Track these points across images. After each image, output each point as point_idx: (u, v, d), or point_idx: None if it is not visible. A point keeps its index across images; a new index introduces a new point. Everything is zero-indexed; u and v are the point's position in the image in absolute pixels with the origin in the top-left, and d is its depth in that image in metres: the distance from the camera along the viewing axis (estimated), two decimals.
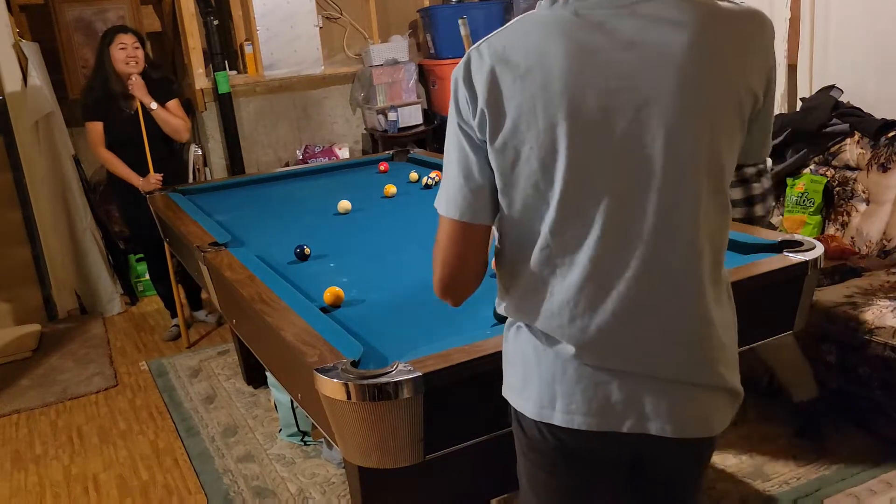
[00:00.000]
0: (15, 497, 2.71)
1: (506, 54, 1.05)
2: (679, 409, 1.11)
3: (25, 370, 3.76)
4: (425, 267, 2.18)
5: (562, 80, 1.01)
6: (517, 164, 1.07)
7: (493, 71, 1.05)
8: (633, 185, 1.04)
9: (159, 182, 3.60)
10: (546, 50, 1.03)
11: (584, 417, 1.12)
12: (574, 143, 1.02)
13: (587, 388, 1.11)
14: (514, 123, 1.05)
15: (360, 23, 5.42)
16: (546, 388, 1.14)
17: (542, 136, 1.03)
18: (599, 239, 1.05)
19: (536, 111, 1.03)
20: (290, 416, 2.79)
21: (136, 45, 3.60)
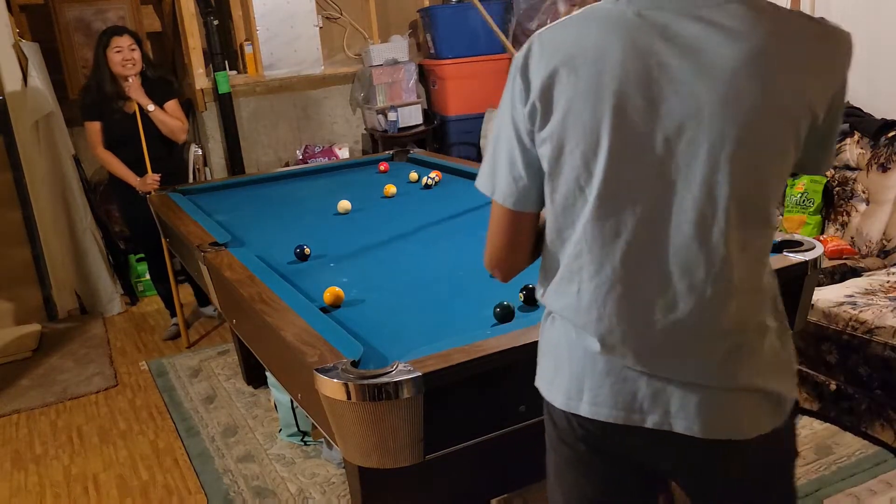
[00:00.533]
0: (15, 497, 2.71)
1: (564, 48, 1.06)
2: (707, 409, 1.09)
3: (25, 370, 3.76)
4: (425, 267, 2.19)
5: (613, 81, 1.02)
6: (562, 156, 1.08)
7: (549, 64, 1.06)
8: (669, 194, 1.03)
9: (157, 182, 3.60)
10: (603, 48, 1.03)
11: (610, 410, 1.13)
12: (616, 145, 1.03)
13: (615, 382, 1.12)
14: (562, 117, 1.06)
15: (360, 23, 5.42)
16: (575, 380, 1.15)
17: (588, 133, 1.04)
18: (631, 242, 1.06)
19: (585, 108, 1.04)
20: (290, 416, 2.79)
21: (132, 46, 3.59)
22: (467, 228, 2.53)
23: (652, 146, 1.02)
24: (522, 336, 1.50)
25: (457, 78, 5.15)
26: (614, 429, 1.14)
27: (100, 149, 3.68)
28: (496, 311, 1.65)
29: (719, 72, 0.99)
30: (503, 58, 5.37)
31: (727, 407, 1.10)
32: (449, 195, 3.06)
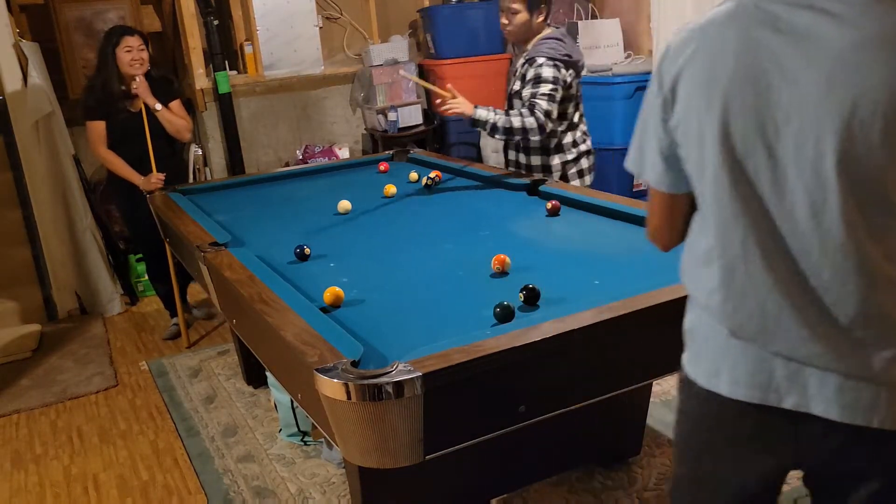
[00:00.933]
0: (15, 497, 2.71)
1: (691, 42, 1.14)
2: (845, 394, 1.10)
3: (25, 370, 3.76)
4: (425, 267, 2.19)
5: (725, 73, 1.08)
6: (686, 144, 1.16)
7: (677, 58, 1.15)
8: (782, 180, 1.07)
9: (161, 181, 3.60)
10: (722, 40, 1.09)
11: (747, 389, 1.16)
12: (726, 135, 1.08)
13: (751, 362, 1.16)
14: (684, 108, 1.14)
15: (360, 23, 5.42)
16: (714, 360, 1.20)
17: (701, 124, 1.11)
18: (750, 227, 1.10)
19: (701, 98, 1.11)
20: (291, 416, 2.79)
21: (141, 47, 3.60)
22: (467, 228, 2.53)
23: (763, 134, 1.06)
24: (522, 336, 1.50)
25: (457, 78, 5.11)
26: (752, 409, 1.17)
27: (102, 148, 3.68)
28: (496, 311, 1.65)
29: (828, 59, 1.01)
30: (503, 58, 5.37)
31: (865, 394, 1.10)
32: (449, 195, 3.06)
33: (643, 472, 2.49)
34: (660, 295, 1.66)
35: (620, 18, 4.99)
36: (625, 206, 2.46)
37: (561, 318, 1.56)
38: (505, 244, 2.29)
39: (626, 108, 4.64)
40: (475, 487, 2.19)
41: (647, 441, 2.62)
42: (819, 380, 1.11)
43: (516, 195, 2.90)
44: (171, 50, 5.28)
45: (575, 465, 2.49)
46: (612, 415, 2.45)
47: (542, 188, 2.84)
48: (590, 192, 2.72)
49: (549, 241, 2.36)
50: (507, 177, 3.08)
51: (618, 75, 4.62)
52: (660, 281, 1.74)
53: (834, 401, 1.11)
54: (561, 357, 1.55)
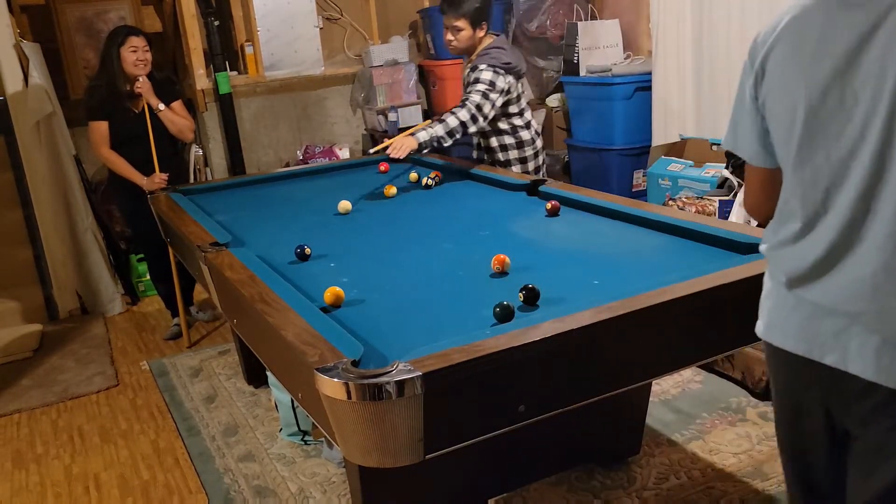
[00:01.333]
0: (16, 497, 2.72)
1: (783, 21, 1.25)
2: (884, 356, 1.16)
3: (26, 370, 3.77)
4: (425, 267, 2.19)
5: (810, 48, 1.19)
6: (773, 117, 1.28)
7: (770, 37, 1.27)
8: (858, 144, 1.15)
9: (164, 181, 3.61)
10: (805, 19, 1.21)
11: (795, 342, 1.30)
12: (808, 106, 1.20)
13: (803, 317, 1.27)
14: (771, 83, 1.27)
15: (360, 23, 5.43)
16: (772, 314, 1.35)
17: (787, 96, 1.24)
18: (827, 189, 1.20)
19: (788, 73, 1.23)
20: (291, 416, 2.79)
21: (146, 47, 3.61)
22: (467, 228, 2.54)
23: (841, 102, 1.16)
24: (522, 336, 1.50)
25: (457, 78, 5.15)
26: (798, 360, 1.29)
27: (105, 149, 3.69)
28: (496, 311, 1.65)
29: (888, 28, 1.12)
30: None
31: None
32: (449, 195, 3.07)
33: (642, 471, 2.50)
34: (659, 295, 1.67)
35: (620, 19, 4.99)
36: (624, 207, 2.47)
37: (560, 318, 1.57)
38: (505, 244, 2.29)
39: (626, 108, 4.65)
40: (475, 487, 2.20)
41: (646, 441, 2.62)
42: (861, 340, 1.18)
43: (516, 195, 2.91)
44: (171, 50, 5.29)
45: (574, 465, 2.50)
46: (611, 414, 2.45)
47: (542, 188, 2.84)
48: (590, 193, 2.72)
49: (549, 241, 2.37)
50: (507, 177, 3.09)
51: (617, 76, 4.62)
52: (659, 281, 1.74)
53: (871, 362, 1.18)
54: (561, 357, 1.55)
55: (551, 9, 5.14)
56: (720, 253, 2.02)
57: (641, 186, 4.73)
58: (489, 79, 3.11)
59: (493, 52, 3.17)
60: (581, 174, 4.96)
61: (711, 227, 2.14)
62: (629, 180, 4.77)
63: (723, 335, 1.80)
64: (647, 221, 2.32)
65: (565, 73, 4.95)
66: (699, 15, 4.19)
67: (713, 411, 2.82)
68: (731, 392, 2.93)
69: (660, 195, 4.05)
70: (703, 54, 4.21)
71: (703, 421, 2.77)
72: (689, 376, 3.08)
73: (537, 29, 5.19)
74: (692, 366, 2.27)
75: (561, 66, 5.06)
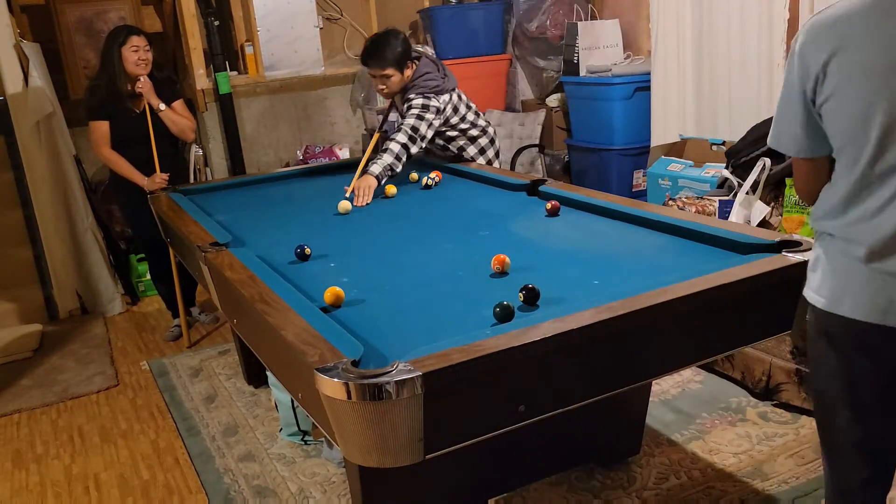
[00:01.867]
0: (16, 497, 2.72)
1: (841, 29, 1.40)
2: None
3: (26, 370, 3.77)
4: (425, 267, 2.19)
5: (880, 59, 1.34)
6: (838, 116, 1.43)
7: (830, 44, 1.41)
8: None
9: (165, 181, 3.61)
10: (867, 30, 1.36)
11: (868, 311, 1.43)
12: (888, 105, 1.35)
13: (875, 287, 1.42)
14: (837, 86, 1.41)
15: (360, 23, 5.43)
16: (838, 287, 1.47)
17: (860, 100, 1.38)
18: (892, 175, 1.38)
19: (861, 81, 1.38)
20: (291, 416, 2.80)
21: (147, 47, 3.61)
22: (467, 228, 2.54)
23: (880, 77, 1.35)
24: (522, 336, 1.50)
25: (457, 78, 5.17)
26: (869, 327, 1.44)
27: (105, 149, 3.68)
28: (496, 311, 1.65)
29: None
30: (503, 58, 5.39)
31: None
32: (449, 195, 3.07)
33: (642, 471, 2.50)
34: (659, 295, 1.67)
35: (620, 19, 4.99)
36: (624, 207, 2.47)
37: (560, 318, 1.57)
38: (505, 244, 2.29)
39: (626, 108, 4.64)
40: (475, 487, 2.20)
41: (646, 441, 2.62)
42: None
43: (516, 195, 2.91)
44: (171, 50, 5.29)
45: (574, 465, 2.50)
46: (611, 414, 2.45)
47: (542, 188, 2.84)
48: (590, 193, 2.72)
49: (549, 241, 2.37)
50: (507, 177, 3.09)
51: (617, 76, 4.62)
52: (659, 281, 1.74)
53: None
54: (560, 357, 1.55)
55: (551, 9, 5.14)
56: (720, 253, 2.02)
57: (641, 186, 4.73)
58: (420, 103, 3.27)
59: (418, 83, 3.31)
60: (581, 174, 4.96)
61: (711, 227, 2.14)
62: (629, 180, 4.77)
63: (723, 335, 1.80)
64: (647, 221, 2.32)
65: (565, 73, 4.95)
66: (699, 15, 4.19)
67: (713, 411, 2.82)
68: (731, 392, 2.93)
69: (660, 195, 4.05)
70: (703, 54, 4.21)
71: (703, 421, 2.77)
72: (689, 376, 3.08)
73: (537, 29, 5.19)
74: (692, 366, 2.27)
75: (561, 66, 5.06)
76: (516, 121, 5.17)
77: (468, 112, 3.51)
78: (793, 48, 1.47)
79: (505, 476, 2.27)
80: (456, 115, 3.44)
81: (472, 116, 3.53)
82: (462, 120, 3.48)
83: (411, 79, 3.35)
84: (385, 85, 3.35)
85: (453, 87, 3.43)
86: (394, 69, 3.29)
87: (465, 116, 3.49)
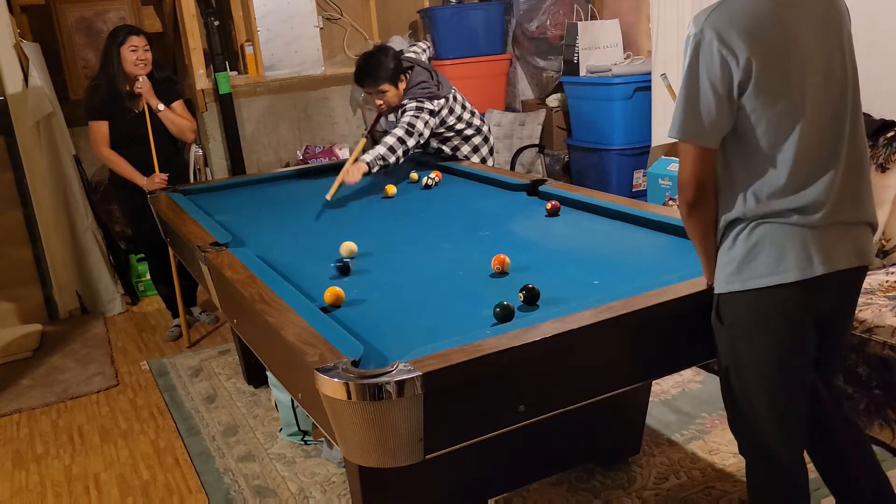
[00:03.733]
0: (16, 497, 2.72)
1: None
2: (858, 243, 1.60)
3: (26, 370, 3.77)
4: (425, 267, 2.19)
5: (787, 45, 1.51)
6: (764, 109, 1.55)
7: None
8: (818, 95, 1.52)
9: (164, 182, 3.61)
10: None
11: (833, 262, 1.54)
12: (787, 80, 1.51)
13: (829, 241, 1.55)
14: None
15: (360, 23, 5.43)
16: (804, 254, 1.54)
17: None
18: (803, 140, 1.52)
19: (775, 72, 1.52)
20: (291, 416, 2.80)
21: (146, 47, 3.61)
22: (467, 228, 2.54)
23: (802, 72, 1.51)
24: (522, 336, 1.50)
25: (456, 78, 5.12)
26: (837, 275, 1.56)
27: (105, 148, 3.68)
28: (496, 311, 1.66)
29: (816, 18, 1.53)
30: (503, 58, 5.38)
31: (866, 240, 1.62)
32: (449, 195, 3.07)
33: (642, 471, 2.50)
34: (659, 295, 1.67)
35: (620, 19, 4.99)
36: (624, 207, 2.47)
37: (560, 318, 1.57)
38: (505, 244, 2.29)
39: (626, 108, 4.64)
40: (475, 487, 2.20)
41: (646, 441, 2.62)
42: (854, 240, 1.58)
43: (516, 195, 2.91)
44: (171, 50, 5.29)
45: (574, 465, 2.50)
46: (611, 414, 2.45)
47: (542, 188, 2.84)
48: (590, 193, 2.72)
49: (549, 241, 2.37)
50: (507, 177, 3.09)
51: (617, 76, 4.62)
52: (659, 281, 1.74)
53: (852, 253, 1.57)
54: (561, 357, 1.55)
55: (551, 9, 5.14)
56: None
57: (641, 186, 4.73)
58: (415, 105, 3.32)
59: (412, 91, 3.37)
60: (581, 174, 4.96)
61: None
62: (629, 180, 4.77)
63: None
64: (647, 221, 2.32)
65: (565, 73, 4.95)
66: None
67: (713, 411, 2.82)
68: None
69: (660, 195, 4.05)
70: None
71: (703, 421, 2.77)
72: (689, 376, 3.08)
73: (537, 29, 5.19)
74: (692, 366, 2.27)
75: (561, 66, 5.06)
76: (516, 121, 5.17)
77: (464, 112, 3.54)
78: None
79: (505, 476, 2.27)
80: (452, 116, 3.48)
81: (468, 116, 3.56)
82: (459, 120, 3.52)
83: (406, 89, 3.40)
84: (382, 100, 3.40)
85: (448, 92, 3.47)
86: (388, 84, 3.35)
87: (461, 116, 3.52)
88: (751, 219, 1.56)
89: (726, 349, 1.67)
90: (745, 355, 1.63)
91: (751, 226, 1.56)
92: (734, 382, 1.67)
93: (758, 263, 1.55)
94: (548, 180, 2.95)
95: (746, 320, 1.60)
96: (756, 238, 1.56)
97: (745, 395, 1.67)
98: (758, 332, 1.60)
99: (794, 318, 1.58)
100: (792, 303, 1.56)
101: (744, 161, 1.55)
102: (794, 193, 1.53)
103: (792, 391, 1.64)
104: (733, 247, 1.59)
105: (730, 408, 1.73)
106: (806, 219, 1.53)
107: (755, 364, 1.62)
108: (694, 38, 1.49)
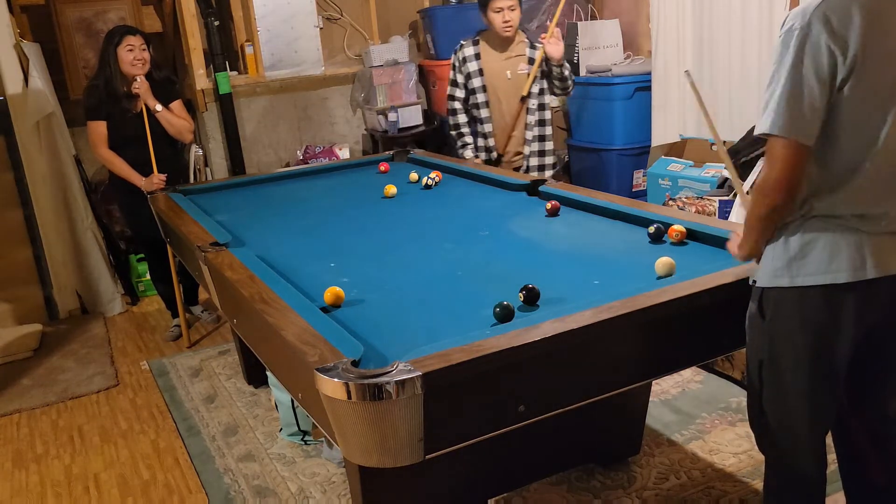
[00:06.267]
0: (16, 496, 2.72)
1: None
2: None
3: (27, 370, 3.77)
4: (425, 267, 2.19)
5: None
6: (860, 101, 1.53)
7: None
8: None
9: (163, 182, 3.61)
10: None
11: (886, 266, 1.52)
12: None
13: (886, 247, 1.52)
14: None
15: (360, 23, 5.43)
16: (858, 255, 1.52)
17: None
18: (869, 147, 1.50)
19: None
20: (291, 416, 2.80)
21: (143, 46, 3.61)
22: (467, 228, 2.54)
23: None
24: (522, 336, 1.50)
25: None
26: (889, 284, 1.53)
27: (103, 149, 3.69)
28: (496, 311, 1.66)
29: None
30: None
31: None
32: (449, 195, 3.07)
33: (642, 471, 2.50)
34: (659, 295, 1.67)
35: (620, 19, 4.99)
36: (624, 207, 2.47)
37: (560, 318, 1.57)
38: (505, 244, 2.29)
39: (626, 108, 4.65)
40: (475, 487, 2.20)
41: (646, 441, 2.62)
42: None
43: (516, 195, 2.91)
44: (171, 50, 5.28)
45: (574, 465, 2.50)
46: (611, 414, 2.45)
47: (542, 188, 2.84)
48: (590, 193, 2.72)
49: (549, 241, 2.37)
50: (507, 177, 3.09)
51: (617, 76, 4.62)
52: (659, 281, 1.74)
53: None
54: (561, 357, 1.55)
55: (551, 9, 5.14)
56: (720, 253, 2.02)
57: (641, 186, 4.73)
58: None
59: (528, 32, 3.68)
60: (581, 174, 4.96)
61: (711, 227, 2.15)
62: (629, 180, 4.77)
63: (723, 335, 1.80)
64: (647, 221, 2.32)
65: None
66: (699, 15, 4.19)
67: (713, 411, 2.82)
68: (731, 392, 2.93)
69: (660, 195, 4.05)
70: (703, 54, 4.21)
71: (703, 421, 2.77)
72: (689, 376, 3.08)
73: (537, 29, 5.19)
74: (692, 366, 2.27)
75: None
76: None
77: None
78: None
79: (505, 476, 2.27)
80: None
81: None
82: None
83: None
84: (512, 17, 3.47)
85: None
86: (517, 1, 3.48)
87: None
88: (807, 215, 1.54)
89: (763, 343, 1.65)
90: (783, 352, 1.62)
91: (807, 223, 1.54)
92: (766, 377, 1.66)
93: (809, 261, 1.54)
94: (548, 180, 2.95)
95: (790, 317, 1.58)
96: (810, 235, 1.54)
97: (777, 391, 1.65)
98: (800, 331, 1.58)
99: (839, 321, 1.56)
100: (840, 305, 1.55)
101: (814, 158, 1.52)
102: (862, 197, 1.51)
103: (826, 392, 1.64)
104: (785, 241, 1.57)
105: (756, 402, 1.71)
106: (865, 224, 1.51)
107: (794, 362, 1.61)
108: (801, 31, 1.46)
